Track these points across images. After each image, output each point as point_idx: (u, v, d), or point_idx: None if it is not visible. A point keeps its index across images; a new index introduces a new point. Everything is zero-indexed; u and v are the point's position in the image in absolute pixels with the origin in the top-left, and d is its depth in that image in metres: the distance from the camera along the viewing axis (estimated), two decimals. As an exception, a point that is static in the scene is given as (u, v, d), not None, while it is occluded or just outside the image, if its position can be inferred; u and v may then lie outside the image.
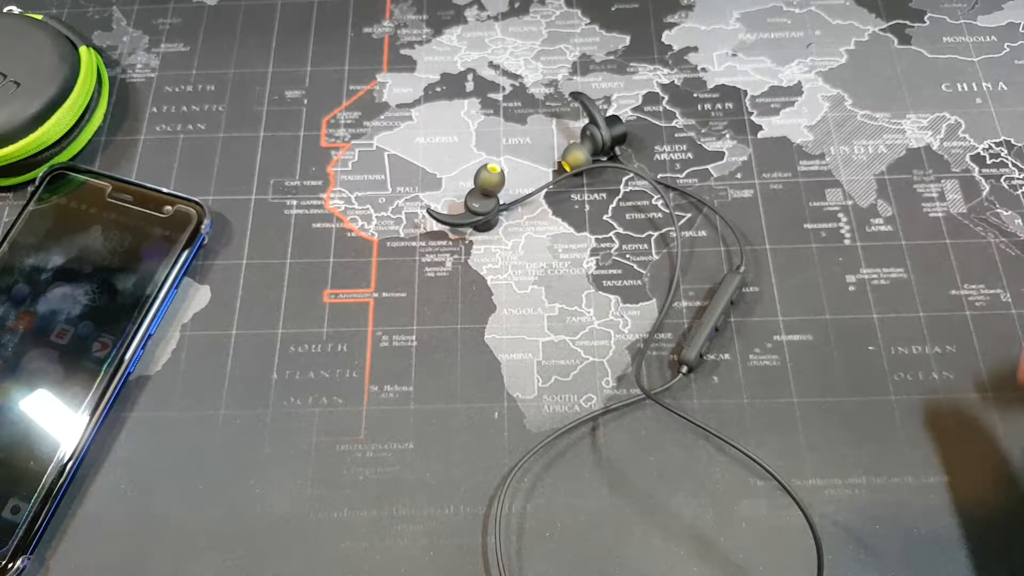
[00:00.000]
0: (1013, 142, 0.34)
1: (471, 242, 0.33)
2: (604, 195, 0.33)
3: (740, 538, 0.27)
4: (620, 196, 0.33)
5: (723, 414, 0.29)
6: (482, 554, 0.27)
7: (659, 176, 0.34)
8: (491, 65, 0.37)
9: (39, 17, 0.35)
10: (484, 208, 0.31)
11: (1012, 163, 0.34)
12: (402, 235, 0.33)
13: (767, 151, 0.34)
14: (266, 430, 0.29)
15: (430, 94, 0.36)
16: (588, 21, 0.38)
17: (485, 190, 0.30)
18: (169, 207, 0.32)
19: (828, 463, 0.28)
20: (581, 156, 0.33)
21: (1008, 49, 0.36)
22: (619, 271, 0.32)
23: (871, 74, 0.36)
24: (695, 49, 0.37)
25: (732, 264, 0.32)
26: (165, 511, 0.28)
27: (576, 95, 0.33)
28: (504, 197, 0.33)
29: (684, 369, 0.29)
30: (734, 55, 0.37)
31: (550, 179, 0.34)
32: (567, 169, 0.33)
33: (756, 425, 0.29)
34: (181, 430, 0.29)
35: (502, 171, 0.30)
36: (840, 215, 0.33)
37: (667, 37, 0.37)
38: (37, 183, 0.32)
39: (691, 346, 0.29)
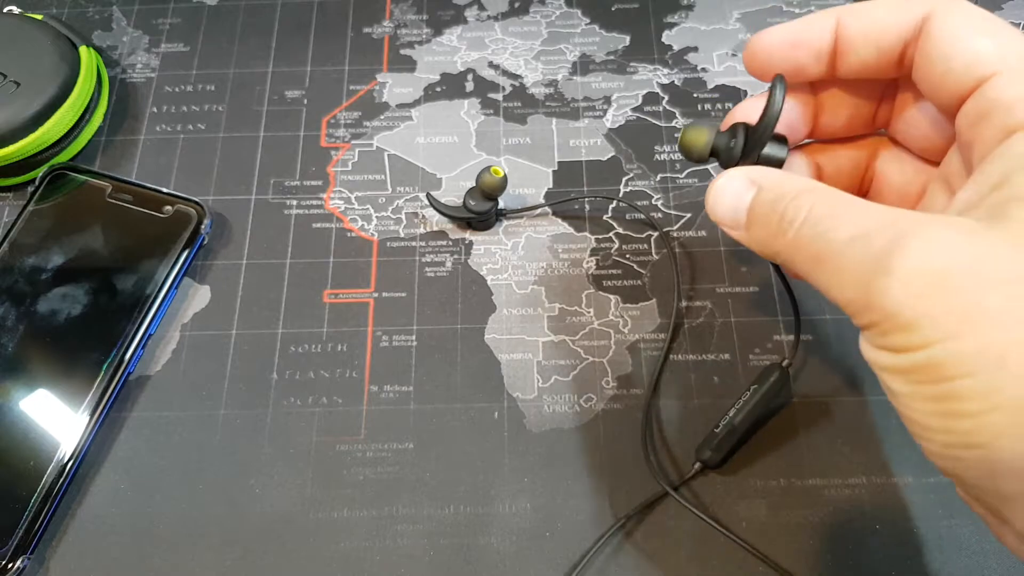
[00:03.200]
0: (1013, 142, 0.34)
1: (471, 242, 0.33)
2: (603, 195, 0.33)
3: (740, 538, 0.27)
4: (620, 196, 0.33)
5: (722, 414, 0.29)
6: (482, 554, 0.27)
7: (659, 177, 0.34)
8: (491, 65, 0.37)
9: (39, 17, 0.35)
10: (480, 208, 0.31)
11: (1012, 163, 0.33)
12: (402, 235, 0.33)
13: (767, 151, 0.34)
14: (266, 430, 0.29)
15: (430, 94, 0.36)
16: (588, 21, 0.38)
17: (485, 191, 0.30)
18: (169, 207, 0.32)
19: (828, 463, 0.28)
20: (703, 138, 0.22)
21: (1008, 49, 0.36)
22: (619, 271, 0.32)
23: (871, 74, 0.36)
24: (695, 49, 0.37)
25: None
26: (165, 511, 0.28)
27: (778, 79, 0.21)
28: (504, 197, 0.33)
29: (697, 466, 0.27)
30: (734, 55, 0.37)
31: (550, 181, 0.34)
32: (687, 147, 0.23)
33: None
34: (181, 430, 0.29)
35: (505, 175, 0.30)
36: (840, 215, 0.33)
37: (667, 37, 0.37)
38: (37, 183, 0.32)
39: (716, 448, 0.27)
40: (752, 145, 0.22)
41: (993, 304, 0.15)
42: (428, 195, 0.32)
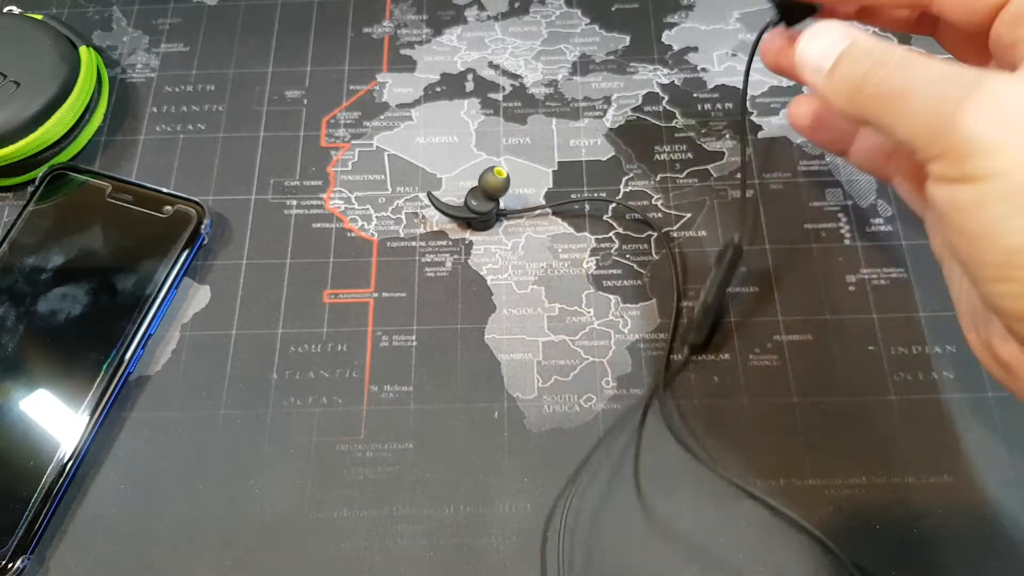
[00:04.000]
0: (1013, 142, 0.34)
1: (471, 242, 0.33)
2: (604, 195, 0.33)
3: (740, 538, 0.27)
4: (620, 196, 0.33)
5: (723, 414, 0.29)
6: (482, 554, 0.27)
7: (659, 177, 0.34)
8: (491, 65, 0.37)
9: (39, 17, 0.35)
10: (481, 208, 0.31)
11: (1012, 163, 0.33)
12: (402, 235, 0.33)
13: (767, 151, 0.34)
14: (266, 430, 0.29)
15: (430, 94, 0.36)
16: (588, 21, 0.38)
17: (487, 192, 0.31)
18: (169, 207, 0.32)
19: (828, 463, 0.28)
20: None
21: (1008, 49, 0.36)
22: (619, 271, 0.32)
23: (871, 74, 0.36)
24: (695, 49, 0.37)
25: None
26: (165, 511, 0.28)
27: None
28: (505, 198, 0.33)
29: (686, 351, 0.29)
30: (734, 55, 0.37)
31: (550, 181, 0.34)
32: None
33: (756, 425, 0.29)
34: (181, 430, 0.29)
35: (508, 176, 0.30)
36: (840, 215, 0.33)
37: (667, 37, 0.37)
38: (37, 183, 0.32)
39: (697, 329, 0.29)
40: None
41: None
42: (429, 194, 0.32)
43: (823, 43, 0.22)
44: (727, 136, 0.35)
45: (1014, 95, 0.17)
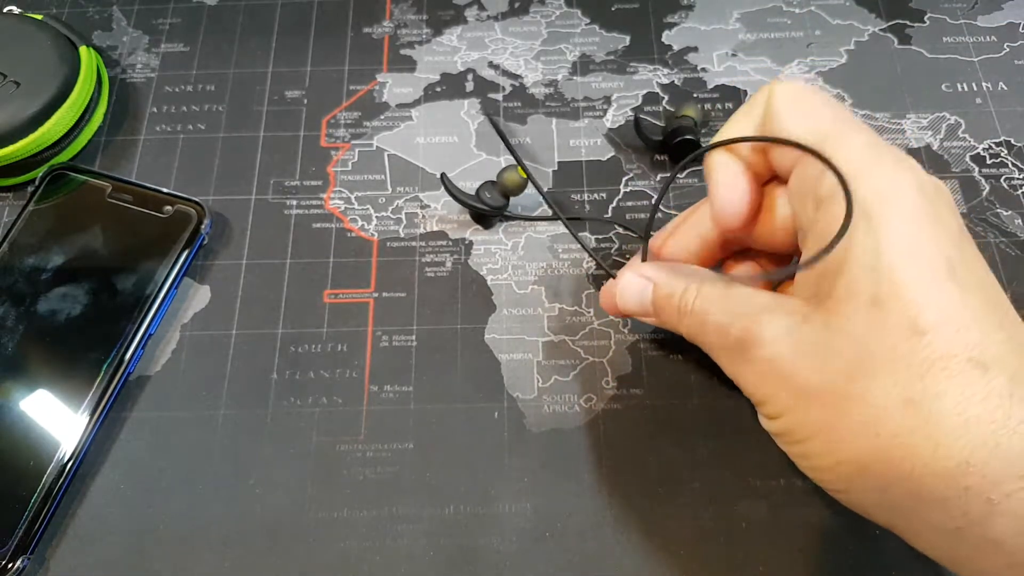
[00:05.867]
0: (1013, 142, 0.34)
1: (471, 242, 0.33)
2: (604, 195, 0.33)
3: (740, 538, 0.27)
4: (620, 196, 0.33)
5: (722, 414, 0.29)
6: (482, 554, 0.27)
7: (659, 177, 0.34)
8: (491, 65, 0.37)
9: (39, 17, 0.35)
10: (493, 202, 0.31)
11: (1012, 163, 0.34)
12: (402, 235, 0.33)
13: (767, 151, 0.34)
14: (266, 430, 0.29)
15: (430, 94, 0.36)
16: (588, 21, 0.38)
17: (505, 189, 0.31)
18: (169, 207, 0.32)
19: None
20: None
21: (1008, 49, 0.36)
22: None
23: (871, 74, 0.36)
24: (695, 49, 0.37)
25: None
26: (165, 511, 0.28)
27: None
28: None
29: None
30: (734, 55, 0.37)
31: (550, 181, 0.34)
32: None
33: (756, 425, 0.29)
34: (181, 430, 0.29)
35: (527, 181, 0.30)
36: (840, 215, 0.33)
37: (667, 37, 0.37)
38: (37, 183, 0.32)
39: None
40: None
41: (814, 383, 0.19)
42: (443, 176, 0.32)
43: (634, 295, 0.25)
44: (727, 136, 0.35)
45: (770, 345, 0.20)
